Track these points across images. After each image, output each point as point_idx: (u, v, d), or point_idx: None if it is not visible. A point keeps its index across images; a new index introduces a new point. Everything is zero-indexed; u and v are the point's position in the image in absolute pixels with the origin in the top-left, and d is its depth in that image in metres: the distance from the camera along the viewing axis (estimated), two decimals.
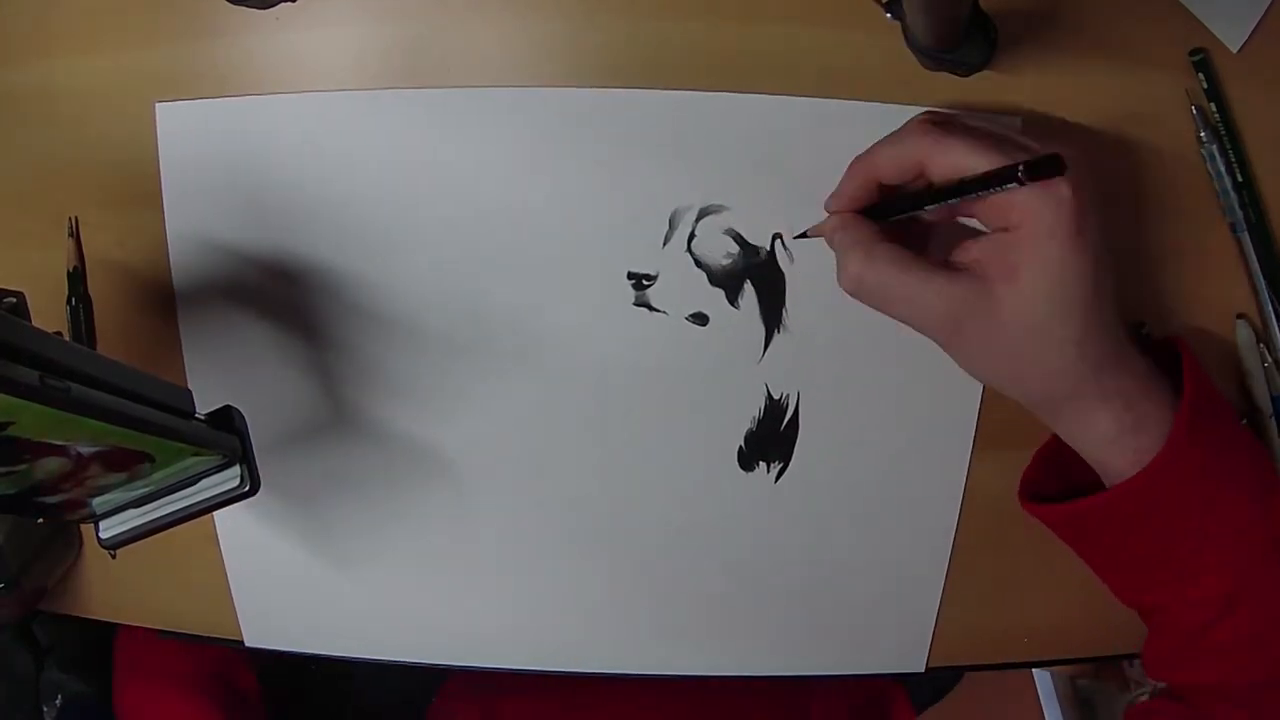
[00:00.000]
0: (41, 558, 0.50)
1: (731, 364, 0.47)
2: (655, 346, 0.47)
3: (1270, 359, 0.46)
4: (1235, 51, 0.43)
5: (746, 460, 0.48)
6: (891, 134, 0.40)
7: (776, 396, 0.47)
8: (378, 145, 0.45)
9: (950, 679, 0.82)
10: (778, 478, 0.48)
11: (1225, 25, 0.42)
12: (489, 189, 0.45)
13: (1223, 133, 0.43)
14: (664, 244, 0.45)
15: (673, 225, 0.45)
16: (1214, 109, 0.43)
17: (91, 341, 0.47)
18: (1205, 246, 0.45)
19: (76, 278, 0.47)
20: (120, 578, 0.53)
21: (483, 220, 0.46)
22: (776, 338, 0.46)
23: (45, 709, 0.57)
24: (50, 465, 0.31)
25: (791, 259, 0.45)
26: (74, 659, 0.59)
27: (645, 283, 0.46)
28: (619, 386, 0.47)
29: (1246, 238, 0.44)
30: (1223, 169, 0.44)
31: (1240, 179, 0.44)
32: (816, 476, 0.48)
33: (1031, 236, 0.36)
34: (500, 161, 0.45)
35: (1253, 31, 0.42)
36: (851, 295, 0.40)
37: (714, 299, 0.46)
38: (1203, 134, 0.43)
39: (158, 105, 0.45)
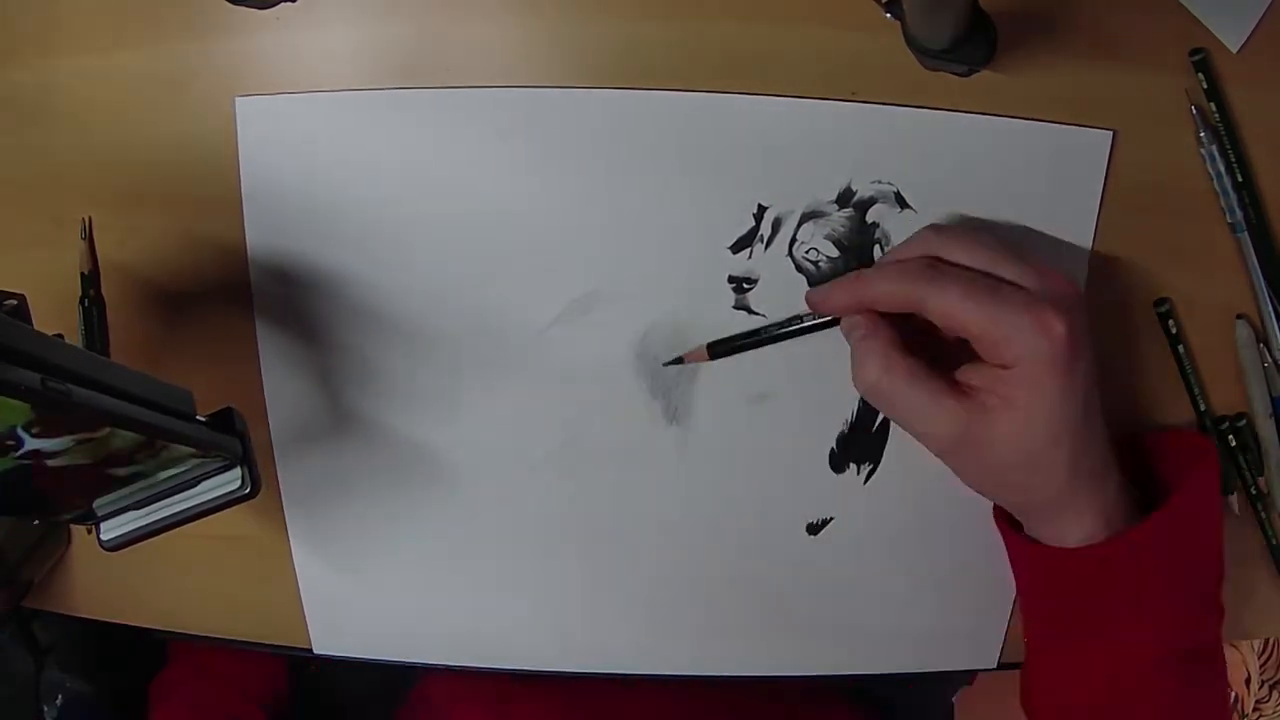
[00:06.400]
0: (35, 552, 0.50)
1: (828, 368, 0.46)
2: (754, 350, 0.47)
3: (1270, 359, 0.46)
4: (1235, 51, 0.43)
5: (838, 462, 0.48)
6: (893, 264, 0.41)
7: None
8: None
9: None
10: (867, 479, 0.48)
11: (1225, 25, 0.42)
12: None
13: (1223, 133, 0.43)
14: (765, 247, 0.45)
15: (775, 229, 0.45)
16: (1214, 109, 0.43)
17: (105, 343, 0.47)
18: (1205, 246, 0.45)
19: (89, 280, 0.47)
20: (119, 577, 0.53)
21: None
22: None
23: (45, 709, 0.57)
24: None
25: None
26: (74, 659, 0.59)
27: (746, 286, 0.46)
28: (716, 389, 0.47)
29: (1246, 238, 0.44)
30: (1223, 169, 0.44)
31: (1240, 179, 0.44)
32: (904, 476, 0.48)
33: (1028, 374, 0.38)
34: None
35: (1253, 31, 0.42)
36: (863, 395, 0.42)
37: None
38: (1203, 134, 0.43)
39: (237, 99, 0.45)
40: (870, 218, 0.45)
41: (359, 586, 0.52)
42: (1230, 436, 0.47)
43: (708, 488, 0.49)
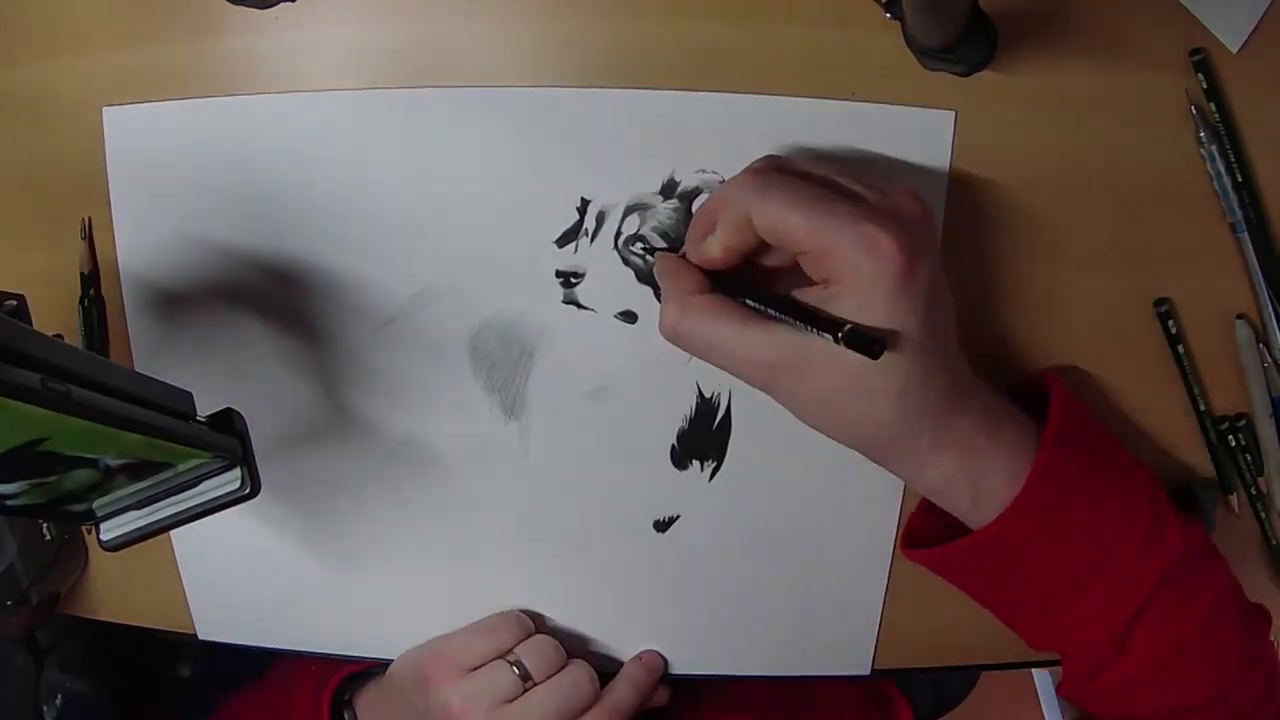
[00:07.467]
0: (53, 569, 0.50)
1: (662, 362, 0.46)
2: (586, 344, 0.46)
3: (1270, 359, 0.46)
4: (1235, 51, 0.43)
5: (680, 459, 0.48)
6: (729, 181, 0.39)
7: (708, 395, 0.47)
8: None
9: (961, 688, 0.81)
10: (712, 476, 0.48)
11: (1225, 25, 0.42)
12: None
13: (1223, 133, 0.43)
14: (591, 241, 0.45)
15: (599, 222, 0.45)
16: (1214, 109, 0.43)
17: (105, 343, 0.47)
18: (1205, 246, 0.45)
19: (89, 280, 0.47)
20: (120, 577, 0.53)
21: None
22: None
23: (45, 709, 0.57)
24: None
25: None
26: (74, 659, 0.59)
27: (574, 280, 0.45)
28: (552, 384, 0.47)
29: (1246, 238, 0.44)
30: (1223, 169, 0.44)
31: (1240, 179, 0.44)
32: (751, 475, 0.48)
33: (851, 291, 0.36)
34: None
35: (1253, 31, 0.42)
36: (669, 341, 0.40)
37: (642, 296, 0.46)
38: (1203, 134, 0.43)
39: (105, 110, 0.45)
40: (696, 208, 0.44)
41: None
42: (1230, 436, 0.47)
43: (552, 483, 0.49)
